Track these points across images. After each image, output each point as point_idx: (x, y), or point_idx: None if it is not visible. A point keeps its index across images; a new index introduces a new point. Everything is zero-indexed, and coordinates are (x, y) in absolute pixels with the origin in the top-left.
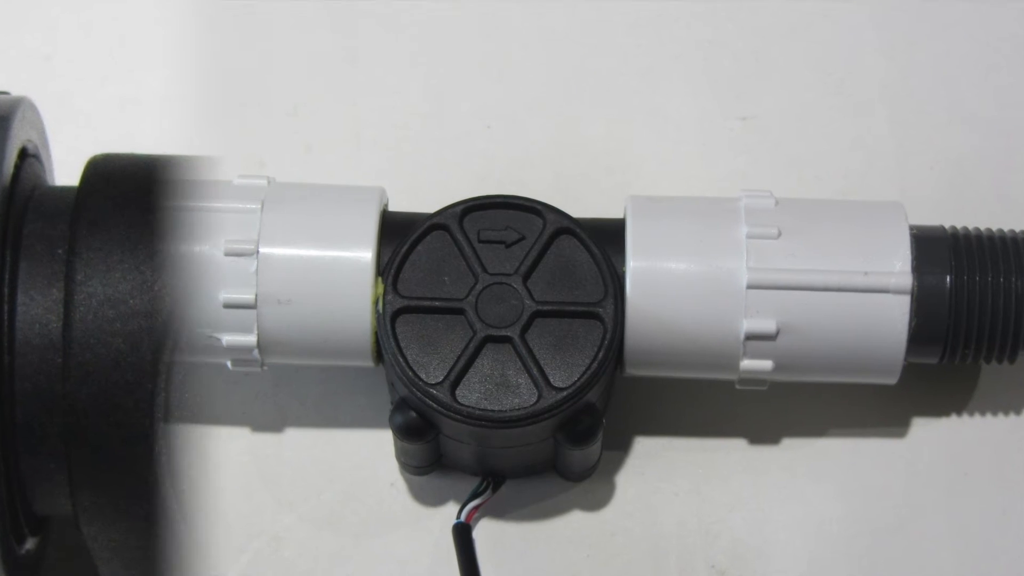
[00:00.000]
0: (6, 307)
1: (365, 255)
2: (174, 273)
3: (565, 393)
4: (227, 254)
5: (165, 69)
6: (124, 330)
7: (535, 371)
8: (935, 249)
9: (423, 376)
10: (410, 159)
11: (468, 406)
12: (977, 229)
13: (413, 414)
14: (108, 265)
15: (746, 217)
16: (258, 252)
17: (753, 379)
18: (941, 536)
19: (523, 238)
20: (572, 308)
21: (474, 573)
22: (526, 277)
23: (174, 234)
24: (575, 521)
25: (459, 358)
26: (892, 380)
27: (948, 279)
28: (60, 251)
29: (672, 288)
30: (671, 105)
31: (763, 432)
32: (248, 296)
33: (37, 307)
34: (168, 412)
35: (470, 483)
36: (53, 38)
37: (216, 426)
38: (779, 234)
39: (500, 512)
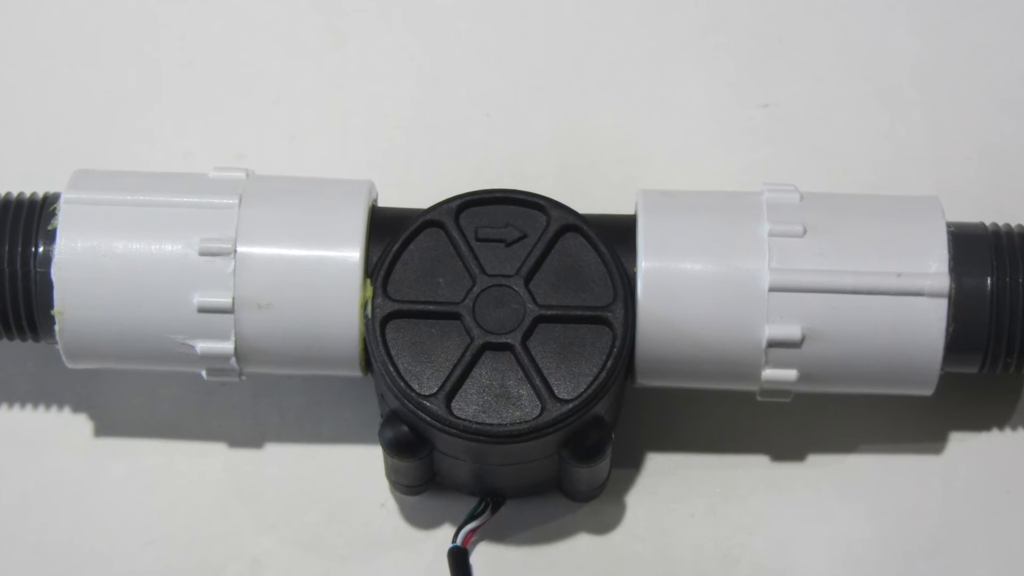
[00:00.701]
0: None
1: (352, 255)
2: None
3: (570, 405)
4: (202, 253)
5: (139, 57)
6: None
7: (538, 381)
8: (974, 248)
9: (416, 387)
10: (402, 150)
11: (465, 419)
12: (1020, 226)
13: (405, 428)
14: None
15: (768, 213)
16: (236, 251)
17: (776, 390)
18: (980, 560)
19: (525, 236)
20: (578, 313)
21: None
22: (528, 279)
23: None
24: (581, 545)
25: (455, 367)
26: (928, 391)
27: (989, 281)
28: None
29: (687, 290)
30: (685, 91)
31: (787, 448)
32: (225, 299)
33: None
34: None
35: (467, 503)
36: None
37: (190, 441)
38: (804, 232)
39: (500, 535)
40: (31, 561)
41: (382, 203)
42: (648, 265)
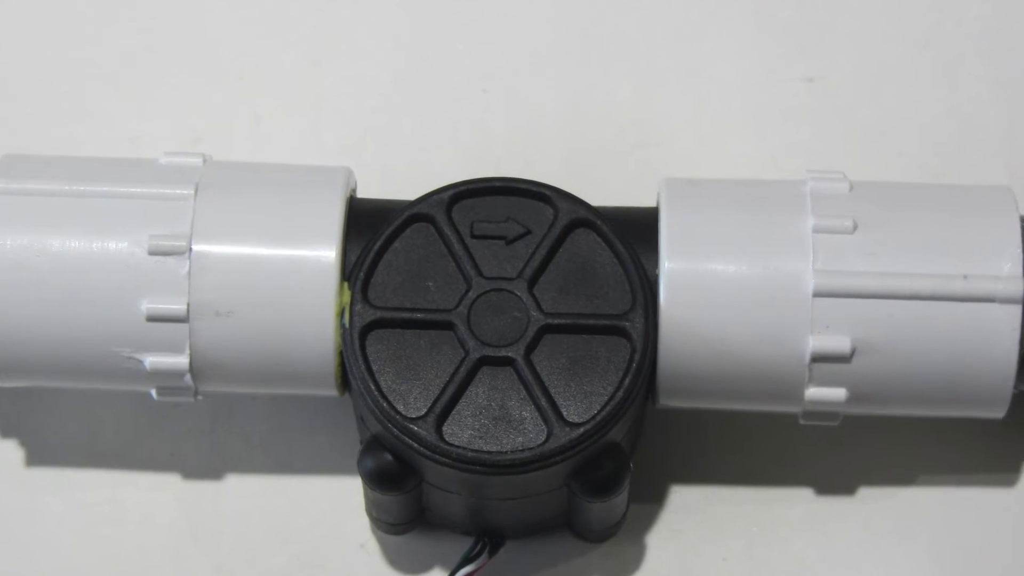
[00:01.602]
0: None
1: (327, 254)
2: None
3: (581, 430)
4: (151, 253)
5: (79, 23)
6: None
7: (543, 402)
8: None
9: (401, 408)
10: (385, 132)
11: (458, 446)
12: None
13: (388, 456)
14: None
15: (812, 205)
16: (191, 250)
17: (822, 412)
18: None
19: (528, 232)
20: (591, 321)
21: None
22: (532, 282)
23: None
24: None
25: (447, 385)
26: (999, 413)
27: None
28: None
29: (718, 296)
30: (715, 63)
31: (834, 479)
32: (178, 306)
33: None
34: None
35: (461, 544)
36: None
37: (137, 472)
38: (854, 227)
39: None
40: None
41: (362, 194)
42: (672, 266)
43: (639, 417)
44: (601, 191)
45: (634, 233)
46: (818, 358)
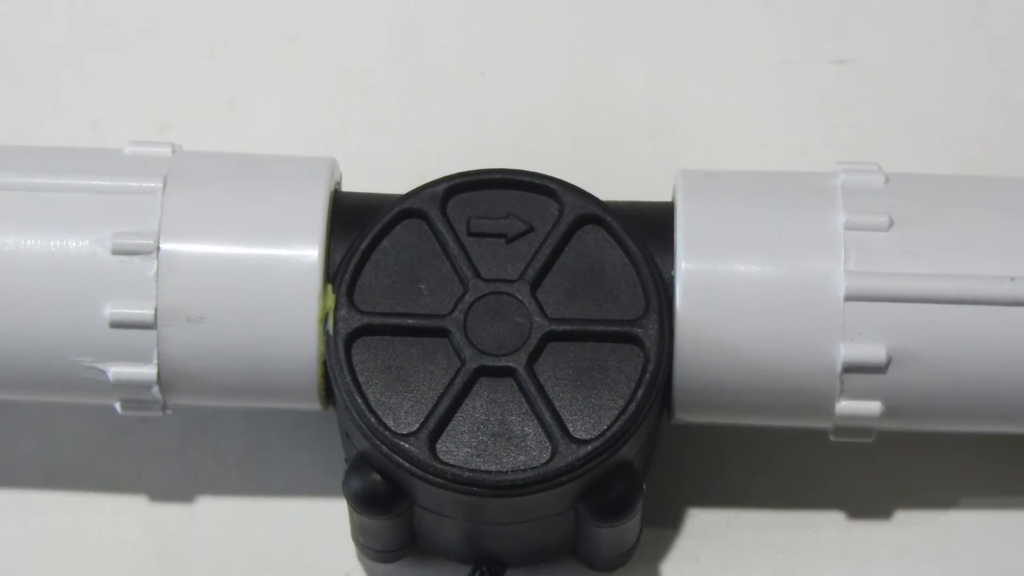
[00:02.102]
0: None
1: (309, 253)
2: None
3: (590, 447)
4: (115, 252)
5: None
6: None
7: (547, 416)
8: None
9: (391, 423)
10: (373, 120)
11: (454, 465)
12: None
13: (376, 477)
14: None
15: (844, 200)
16: (158, 249)
17: (854, 427)
18: None
19: (531, 230)
20: (600, 328)
21: None
22: (535, 284)
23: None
24: None
25: (441, 398)
26: None
27: None
28: None
29: (739, 300)
30: (737, 43)
31: (868, 502)
32: (144, 311)
33: None
34: None
35: (457, 574)
36: None
37: (101, 494)
38: (891, 224)
39: None
40: None
41: (347, 187)
42: (689, 267)
43: (653, 433)
44: (611, 184)
45: (647, 230)
46: (850, 368)
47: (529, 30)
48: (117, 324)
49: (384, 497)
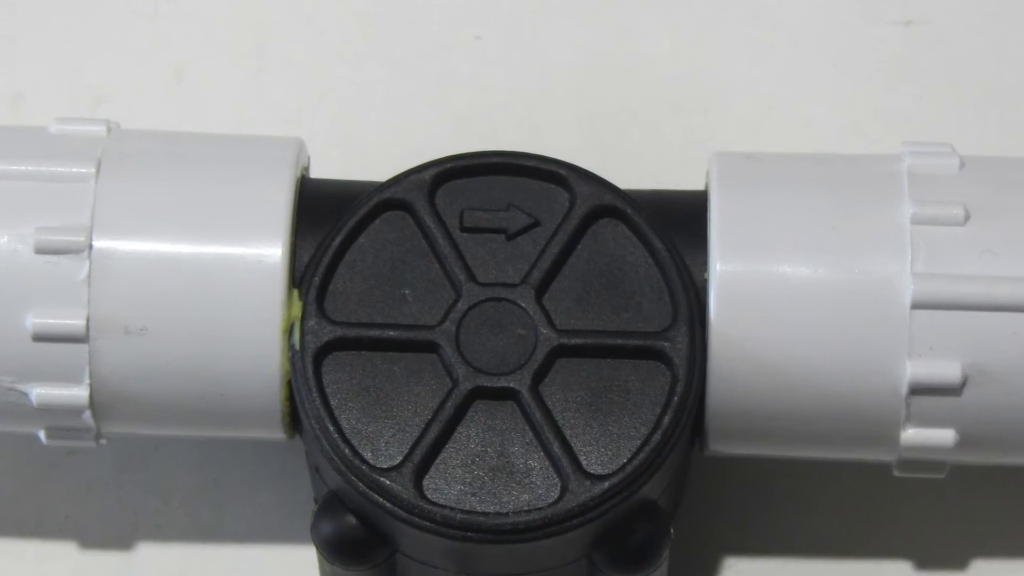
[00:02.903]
0: None
1: (271, 252)
2: None
3: (606, 484)
4: (39, 251)
5: None
6: None
7: (556, 447)
8: None
9: (369, 456)
10: (347, 92)
11: (444, 506)
12: None
13: (352, 520)
14: None
15: (910, 189)
16: (91, 247)
17: (923, 460)
18: None
19: (536, 224)
20: (618, 342)
21: None
22: (541, 290)
23: None
24: None
25: (429, 425)
26: None
27: None
28: None
29: (785, 309)
30: (780, 2)
31: (938, 547)
32: (74, 321)
33: None
34: None
35: None
36: None
37: (23, 539)
38: (966, 217)
39: None
40: None
41: (317, 173)
42: (725, 268)
43: (682, 467)
44: (632, 169)
45: (675, 225)
46: (918, 390)
47: None
48: (41, 337)
49: (361, 544)
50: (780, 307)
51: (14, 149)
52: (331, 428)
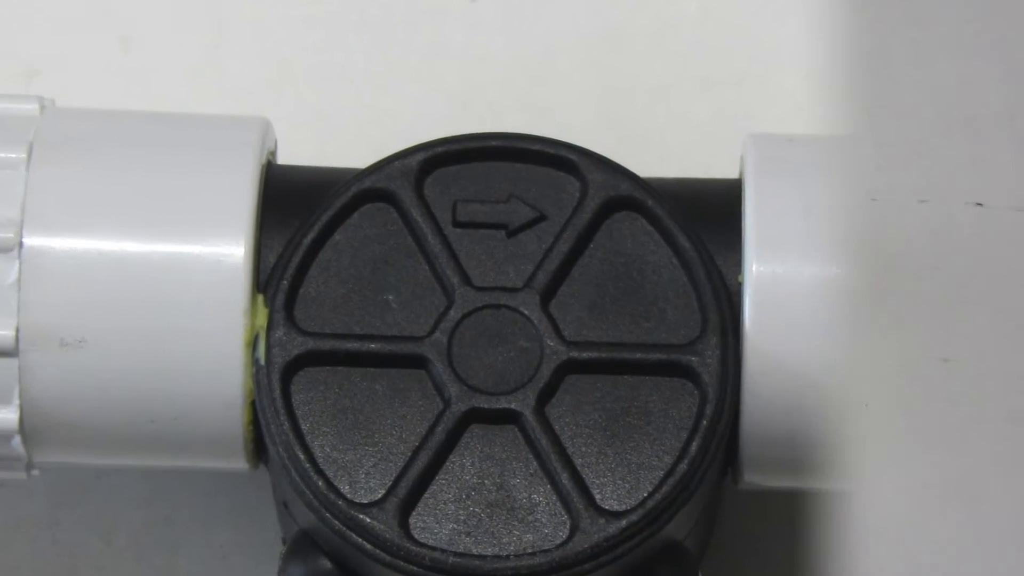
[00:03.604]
0: None
1: (232, 252)
2: None
3: (624, 522)
4: None
5: None
6: None
7: (565, 479)
8: None
9: (346, 489)
10: (320, 64)
11: (434, 547)
12: None
13: (326, 563)
14: None
15: None
16: (21, 246)
17: None
18: None
19: (542, 218)
20: (638, 356)
21: None
22: (548, 295)
23: None
24: None
25: (416, 454)
26: None
27: None
28: None
29: (831, 317)
30: None
31: None
32: (2, 331)
33: None
34: None
35: None
36: None
37: None
38: None
39: None
40: None
41: (285, 158)
42: (763, 270)
43: (712, 503)
44: (653, 154)
45: (704, 219)
46: None
47: None
48: None
49: None
50: (825, 316)
51: None
52: (302, 457)
